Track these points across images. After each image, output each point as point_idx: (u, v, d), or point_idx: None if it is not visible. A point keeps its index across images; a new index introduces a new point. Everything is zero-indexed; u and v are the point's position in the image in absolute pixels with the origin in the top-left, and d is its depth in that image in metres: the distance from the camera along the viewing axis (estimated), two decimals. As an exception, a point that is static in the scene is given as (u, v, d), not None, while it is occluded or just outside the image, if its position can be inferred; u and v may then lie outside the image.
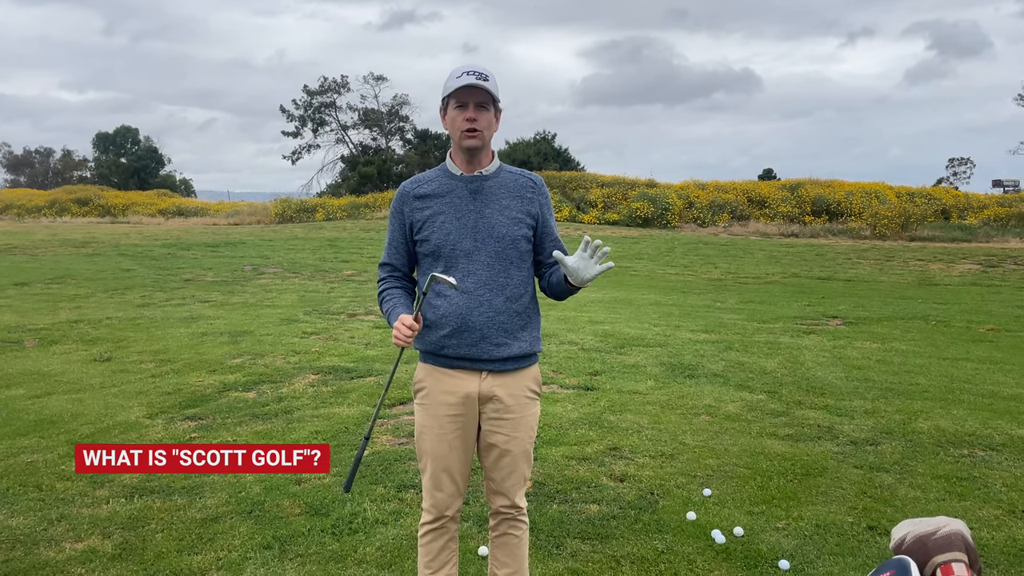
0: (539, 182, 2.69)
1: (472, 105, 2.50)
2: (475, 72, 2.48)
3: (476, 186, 2.59)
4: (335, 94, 46.30)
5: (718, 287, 14.48)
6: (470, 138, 2.51)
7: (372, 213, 30.74)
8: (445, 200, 2.58)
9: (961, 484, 4.34)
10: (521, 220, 2.59)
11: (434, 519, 2.66)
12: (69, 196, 38.04)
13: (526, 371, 2.66)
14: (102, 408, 5.78)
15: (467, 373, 2.58)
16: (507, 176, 2.64)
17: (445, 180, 2.61)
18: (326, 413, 5.64)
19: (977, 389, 6.47)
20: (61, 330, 8.93)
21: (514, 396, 2.61)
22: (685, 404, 5.95)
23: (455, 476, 2.63)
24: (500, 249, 2.56)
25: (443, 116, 2.60)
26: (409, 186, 2.65)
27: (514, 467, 2.66)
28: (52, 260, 17.22)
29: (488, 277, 2.55)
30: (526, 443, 2.66)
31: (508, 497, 2.69)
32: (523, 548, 2.77)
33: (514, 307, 2.58)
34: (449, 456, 2.61)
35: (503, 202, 2.59)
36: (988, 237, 22.89)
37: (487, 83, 2.49)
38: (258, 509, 3.94)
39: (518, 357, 2.61)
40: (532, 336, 2.65)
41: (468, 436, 2.63)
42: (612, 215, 28.08)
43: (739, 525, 3.76)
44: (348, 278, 15.23)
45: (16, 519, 3.82)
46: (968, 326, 9.78)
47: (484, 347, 2.54)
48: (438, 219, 2.56)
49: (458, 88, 2.48)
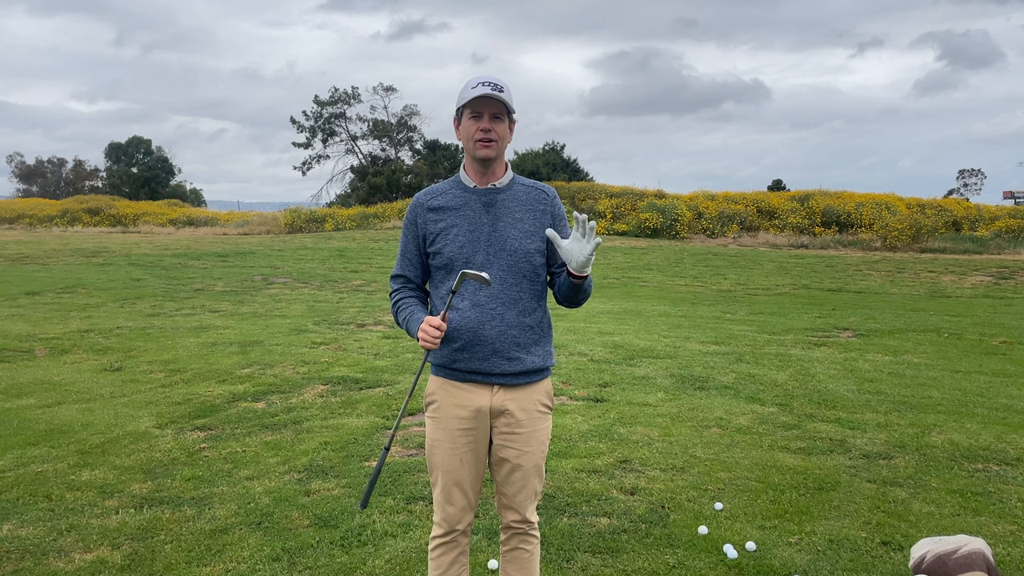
0: (552, 194, 2.67)
1: (487, 115, 2.50)
2: (490, 83, 2.48)
3: (489, 199, 2.58)
4: (345, 105, 46.59)
5: (728, 298, 14.43)
6: (484, 147, 2.51)
7: (381, 223, 30.81)
8: (459, 213, 2.57)
9: (976, 499, 4.29)
10: (534, 233, 2.58)
11: (445, 532, 2.64)
12: (81, 206, 38.26)
13: (538, 385, 2.63)
14: (112, 418, 5.78)
15: (479, 387, 2.57)
16: (520, 189, 2.63)
17: (459, 192, 2.61)
18: (335, 424, 5.63)
19: (990, 402, 6.41)
20: (72, 339, 8.96)
21: (526, 410, 2.60)
22: (696, 416, 5.91)
23: (466, 490, 2.61)
24: (513, 263, 2.55)
25: (457, 127, 2.60)
26: (423, 198, 2.64)
27: (525, 482, 2.64)
28: (63, 270, 17.32)
29: (500, 291, 2.54)
30: (538, 457, 2.64)
31: (519, 512, 2.67)
32: (534, 563, 2.75)
33: (526, 321, 2.57)
34: (460, 470, 2.59)
35: (516, 215, 2.58)
36: (1000, 249, 22.76)
37: (502, 94, 2.48)
38: (267, 520, 3.93)
39: (530, 371, 2.58)
40: (545, 350, 2.64)
41: (480, 450, 2.61)
42: (621, 226, 28.05)
43: (751, 540, 3.72)
44: (357, 288, 15.25)
45: (25, 529, 3.82)
46: (980, 339, 9.70)
47: (496, 361, 2.53)
48: (451, 232, 2.56)
49: (473, 98, 2.48)
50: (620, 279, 17.49)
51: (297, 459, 4.86)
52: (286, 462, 4.81)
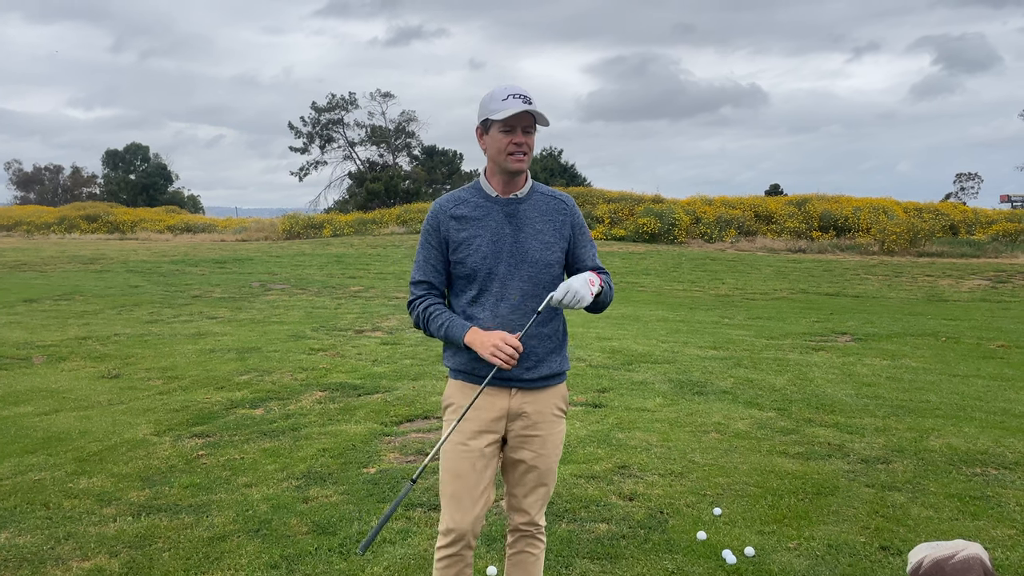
0: (570, 203, 2.71)
1: (519, 129, 2.51)
2: (522, 95, 2.48)
3: (511, 209, 2.61)
4: (343, 111, 46.66)
5: (726, 303, 14.44)
6: (518, 162, 2.52)
7: (379, 229, 30.82)
8: (481, 223, 2.59)
9: (974, 503, 4.29)
10: (554, 244, 2.63)
11: (451, 543, 2.60)
12: (78, 213, 38.24)
13: (555, 389, 2.69)
14: (110, 425, 5.77)
15: (497, 390, 2.60)
16: (540, 198, 2.66)
17: (481, 202, 2.62)
18: (333, 430, 5.62)
19: (988, 407, 6.42)
20: (69, 347, 8.95)
21: (542, 413, 2.65)
22: (694, 422, 5.91)
23: (476, 497, 2.59)
24: (534, 274, 2.59)
25: (480, 136, 2.59)
26: (446, 204, 2.63)
27: (538, 484, 2.69)
28: (61, 277, 17.30)
29: (521, 302, 2.58)
30: (552, 460, 2.69)
31: (528, 514, 2.71)
32: (538, 567, 2.76)
33: (545, 331, 2.62)
34: (471, 475, 2.58)
35: (537, 226, 2.62)
36: (997, 253, 22.80)
37: (534, 106, 2.49)
38: (265, 527, 3.92)
39: (547, 376, 2.65)
40: (561, 356, 2.70)
41: (492, 457, 2.63)
42: (619, 231, 28.09)
43: (750, 545, 3.72)
44: (355, 294, 15.25)
45: (23, 537, 3.81)
46: (978, 343, 9.72)
47: (515, 369, 2.57)
48: (474, 242, 2.58)
49: (510, 116, 2.46)
50: (618, 284, 17.50)
51: (295, 466, 4.86)
52: (284, 469, 4.81)
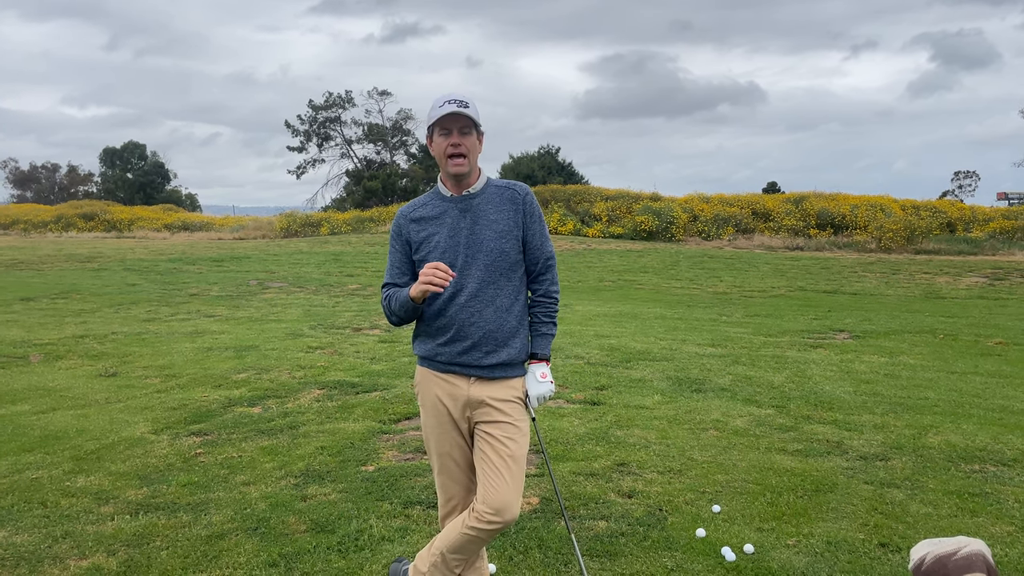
0: (523, 191, 2.84)
1: (456, 131, 2.68)
2: (456, 100, 2.66)
3: (465, 205, 2.78)
4: (340, 109, 46.51)
5: (723, 301, 14.44)
6: (456, 165, 2.70)
7: (376, 227, 30.80)
8: (439, 221, 2.78)
9: (973, 500, 4.29)
10: (508, 232, 2.77)
11: (451, 509, 2.86)
12: (75, 211, 38.17)
13: (513, 380, 2.81)
14: (107, 424, 5.76)
15: (458, 377, 2.79)
16: (493, 191, 2.82)
17: (438, 202, 2.81)
18: (332, 428, 5.61)
19: (987, 403, 6.42)
20: (66, 345, 8.93)
21: (502, 401, 2.77)
22: (692, 419, 5.91)
23: (462, 467, 2.83)
24: (489, 262, 2.74)
25: (430, 144, 2.78)
26: (406, 210, 2.86)
27: (501, 470, 2.71)
28: (58, 275, 17.26)
29: (478, 289, 2.72)
30: (514, 448, 2.75)
31: (486, 502, 2.72)
32: (479, 547, 2.80)
33: (504, 317, 2.76)
34: (453, 450, 2.83)
35: (491, 216, 2.77)
36: (994, 250, 22.84)
37: (468, 109, 2.66)
38: (263, 526, 3.91)
39: (505, 364, 2.78)
40: (522, 343, 2.82)
41: (465, 434, 2.83)
42: (616, 228, 28.09)
43: (749, 542, 3.72)
44: (353, 292, 15.23)
45: (21, 536, 3.80)
46: (976, 340, 9.72)
47: (474, 355, 2.74)
48: (433, 239, 2.77)
49: (441, 117, 2.66)
50: (616, 282, 17.50)
51: (294, 464, 4.85)
52: (282, 467, 4.80)
